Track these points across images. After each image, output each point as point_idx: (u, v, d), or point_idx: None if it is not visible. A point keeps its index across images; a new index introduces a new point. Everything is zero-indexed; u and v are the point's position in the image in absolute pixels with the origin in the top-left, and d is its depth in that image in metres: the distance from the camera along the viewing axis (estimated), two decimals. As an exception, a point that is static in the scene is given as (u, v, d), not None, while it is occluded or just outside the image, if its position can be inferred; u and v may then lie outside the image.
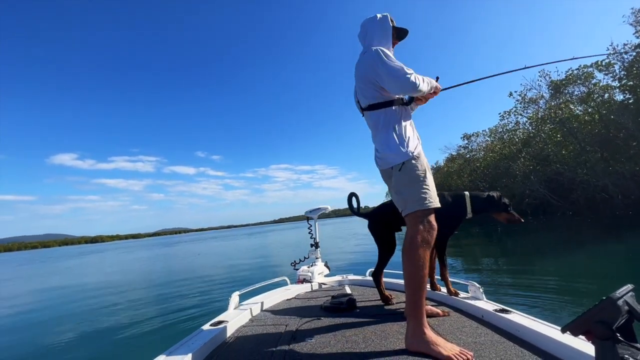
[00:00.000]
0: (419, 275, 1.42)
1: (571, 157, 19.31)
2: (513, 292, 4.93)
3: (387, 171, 1.65)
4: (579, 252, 8.24)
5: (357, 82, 1.72)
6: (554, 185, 21.82)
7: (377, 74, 1.56)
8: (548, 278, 5.57)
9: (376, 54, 1.57)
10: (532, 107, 22.98)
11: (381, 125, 1.61)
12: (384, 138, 1.59)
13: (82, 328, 5.26)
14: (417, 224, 1.48)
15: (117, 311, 6.17)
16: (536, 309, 4.06)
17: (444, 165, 41.67)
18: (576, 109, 19.80)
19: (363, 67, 1.63)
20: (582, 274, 5.79)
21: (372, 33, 1.69)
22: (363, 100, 1.68)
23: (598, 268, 6.26)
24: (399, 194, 1.55)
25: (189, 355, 1.39)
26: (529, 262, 7.47)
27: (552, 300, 4.39)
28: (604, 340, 0.76)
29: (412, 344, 1.39)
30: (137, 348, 4.03)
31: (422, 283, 1.43)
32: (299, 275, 3.18)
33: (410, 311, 1.43)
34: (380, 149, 1.63)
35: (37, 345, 4.61)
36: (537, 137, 22.63)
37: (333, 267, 3.69)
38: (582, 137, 18.53)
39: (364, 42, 1.74)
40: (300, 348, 1.50)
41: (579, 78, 19.66)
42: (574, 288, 4.86)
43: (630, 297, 0.80)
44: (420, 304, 1.42)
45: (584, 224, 15.04)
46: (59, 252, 76.48)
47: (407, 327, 1.43)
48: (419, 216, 1.49)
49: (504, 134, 27.52)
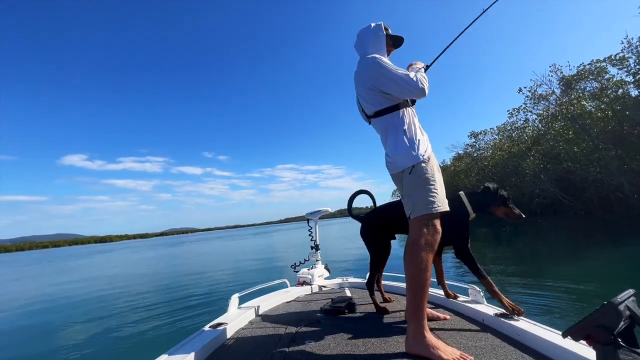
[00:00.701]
0: (421, 278, 1.42)
1: (584, 155, 18.62)
2: (517, 295, 4.87)
3: (398, 175, 1.65)
4: (590, 254, 7.91)
5: (358, 91, 1.74)
6: (565, 184, 21.18)
7: (379, 80, 1.59)
8: (557, 282, 5.44)
9: (373, 60, 1.61)
10: (542, 103, 22.27)
11: (390, 129, 1.61)
12: (393, 142, 1.59)
13: (81, 328, 5.24)
14: (422, 227, 1.47)
15: (117, 312, 6.15)
16: (541, 314, 4.03)
17: (451, 164, 41.02)
18: (588, 105, 19.07)
19: (363, 75, 1.66)
20: (591, 277, 5.65)
21: (366, 41, 1.74)
22: (369, 107, 1.69)
23: (608, 271, 6.08)
24: (409, 197, 1.55)
25: (188, 356, 1.39)
26: (537, 265, 7.27)
27: (559, 305, 4.32)
28: (605, 345, 0.76)
29: (412, 346, 1.38)
30: (136, 349, 4.04)
31: (424, 286, 1.42)
32: (299, 278, 3.18)
33: (411, 314, 1.42)
34: (390, 154, 1.63)
35: (36, 344, 4.69)
36: (547, 135, 21.99)
37: (334, 269, 3.67)
38: (596, 134, 17.83)
39: (359, 51, 1.78)
40: (299, 351, 1.49)
41: (591, 73, 18.96)
42: (582, 292, 4.78)
43: (632, 302, 0.80)
44: (422, 307, 1.41)
45: (597, 225, 14.54)
46: (68, 252, 77.82)
47: (408, 330, 1.42)
48: (425, 219, 1.48)
49: (513, 132, 26.86)
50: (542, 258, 8.06)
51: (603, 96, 18.31)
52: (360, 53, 1.77)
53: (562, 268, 6.62)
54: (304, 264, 3.47)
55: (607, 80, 18.49)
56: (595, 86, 19.23)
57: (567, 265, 6.83)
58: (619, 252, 7.78)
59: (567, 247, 9.76)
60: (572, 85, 19.86)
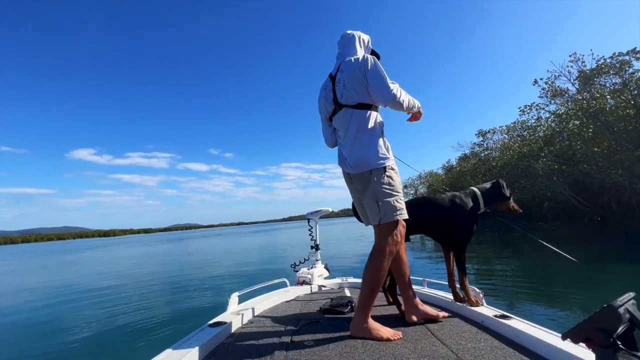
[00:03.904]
0: (378, 281, 1.59)
1: (603, 156, 17.08)
2: (517, 295, 4.95)
3: (362, 174, 1.63)
4: (606, 263, 7.47)
5: (345, 79, 1.67)
6: (579, 187, 19.76)
7: (371, 78, 1.61)
8: (558, 285, 5.53)
9: (374, 60, 1.65)
10: (557, 100, 20.65)
11: (367, 126, 1.63)
12: (367, 139, 1.61)
13: (76, 327, 5.06)
14: (389, 236, 1.58)
15: (115, 311, 5.90)
16: (541, 315, 4.07)
17: (457, 165, 39.45)
18: (608, 102, 17.44)
19: (362, 66, 1.63)
20: (594, 281, 5.68)
21: (352, 44, 1.81)
22: (354, 96, 1.65)
23: (616, 277, 5.95)
24: (378, 201, 1.57)
25: (188, 355, 1.37)
26: (537, 266, 7.29)
27: (558, 306, 4.40)
28: (604, 348, 0.77)
29: (357, 332, 1.59)
30: (134, 347, 3.99)
31: (378, 287, 1.60)
32: (299, 277, 3.17)
33: (360, 306, 1.61)
34: (361, 150, 1.61)
35: (21, 339, 4.67)
36: (562, 134, 20.50)
37: (334, 269, 3.71)
38: (619, 133, 16.29)
39: (342, 48, 1.82)
40: (298, 350, 1.49)
41: (613, 67, 17.37)
42: (582, 294, 4.79)
43: (632, 305, 0.80)
44: (371, 302, 1.61)
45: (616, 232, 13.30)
46: (70, 245, 79.45)
47: (354, 318, 1.62)
48: (392, 227, 1.59)
49: (524, 131, 25.35)
50: (548, 262, 7.74)
51: (626, 92, 16.75)
52: (342, 52, 1.80)
53: (567, 271, 6.55)
54: (304, 263, 3.47)
55: (630, 75, 16.95)
56: (616, 82, 17.68)
57: (573, 267, 6.61)
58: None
59: (579, 253, 9.04)
60: (591, 81, 18.27)
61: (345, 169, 1.69)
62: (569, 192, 19.72)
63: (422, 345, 1.46)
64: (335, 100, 1.70)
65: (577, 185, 19.77)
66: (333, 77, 1.75)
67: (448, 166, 44.46)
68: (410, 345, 1.47)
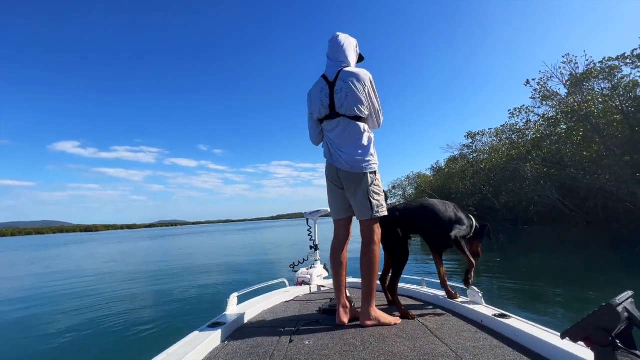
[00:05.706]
0: (376, 268, 1.80)
1: (591, 160, 17.02)
2: (517, 295, 5.01)
3: (354, 174, 1.78)
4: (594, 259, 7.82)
5: (347, 90, 1.76)
6: (566, 191, 19.76)
7: (375, 102, 1.83)
8: (555, 284, 5.59)
9: (371, 79, 1.83)
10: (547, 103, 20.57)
11: (364, 134, 1.79)
12: (362, 146, 1.78)
13: (67, 328, 4.81)
14: (375, 227, 1.82)
15: (112, 311, 5.68)
16: (540, 315, 4.08)
17: (445, 166, 39.42)
18: (600, 105, 17.36)
19: (367, 82, 1.79)
20: (590, 280, 5.79)
21: (347, 50, 1.89)
22: (354, 109, 1.77)
23: (608, 275, 6.16)
24: (371, 198, 1.77)
25: (187, 356, 1.37)
26: (535, 267, 7.34)
27: (558, 306, 4.43)
28: (603, 346, 0.77)
29: (367, 321, 1.74)
30: (132, 349, 3.95)
31: (377, 274, 1.82)
32: (298, 278, 3.15)
33: (365, 297, 1.77)
34: (359, 153, 1.77)
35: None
36: (551, 137, 20.44)
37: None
38: (608, 138, 16.22)
39: (338, 55, 1.88)
40: (298, 351, 1.50)
41: (602, 72, 17.32)
42: (580, 293, 4.85)
43: (630, 303, 0.80)
44: (374, 290, 1.80)
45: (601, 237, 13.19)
46: (48, 240, 76.61)
47: (362, 309, 1.77)
48: (377, 220, 1.83)
49: (513, 134, 25.33)
50: (540, 262, 7.94)
51: (615, 97, 16.73)
52: (337, 55, 1.88)
53: (561, 270, 6.58)
54: (303, 263, 3.44)
55: (619, 79, 16.92)
56: (605, 87, 17.65)
57: (566, 268, 6.76)
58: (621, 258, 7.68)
59: (564, 255, 9.53)
60: (580, 85, 18.20)
61: (338, 165, 1.81)
62: (556, 196, 19.69)
63: (422, 344, 1.47)
64: (331, 106, 1.80)
65: (564, 189, 19.76)
66: (332, 83, 1.81)
67: (436, 168, 44.48)
68: (410, 344, 1.48)
